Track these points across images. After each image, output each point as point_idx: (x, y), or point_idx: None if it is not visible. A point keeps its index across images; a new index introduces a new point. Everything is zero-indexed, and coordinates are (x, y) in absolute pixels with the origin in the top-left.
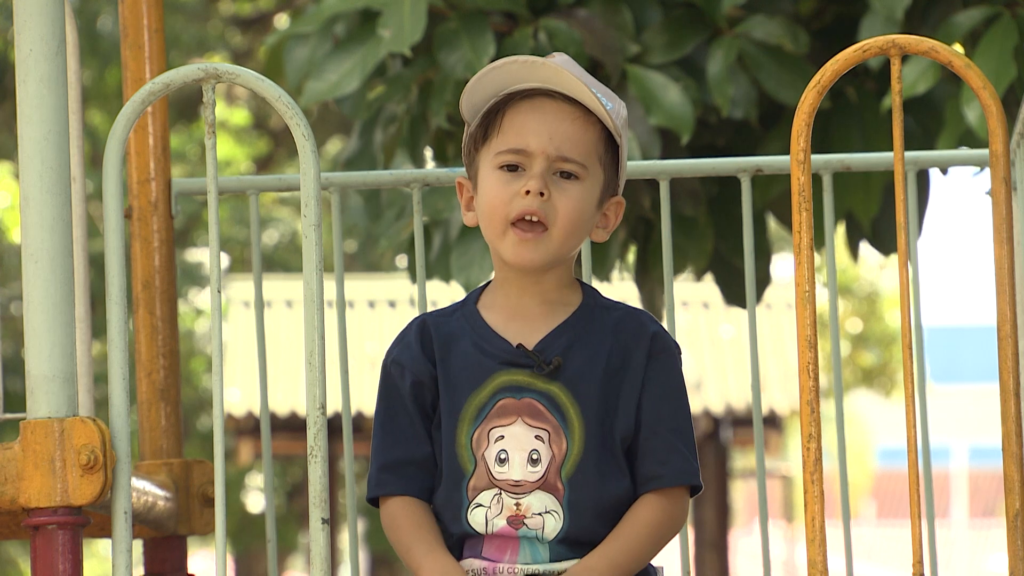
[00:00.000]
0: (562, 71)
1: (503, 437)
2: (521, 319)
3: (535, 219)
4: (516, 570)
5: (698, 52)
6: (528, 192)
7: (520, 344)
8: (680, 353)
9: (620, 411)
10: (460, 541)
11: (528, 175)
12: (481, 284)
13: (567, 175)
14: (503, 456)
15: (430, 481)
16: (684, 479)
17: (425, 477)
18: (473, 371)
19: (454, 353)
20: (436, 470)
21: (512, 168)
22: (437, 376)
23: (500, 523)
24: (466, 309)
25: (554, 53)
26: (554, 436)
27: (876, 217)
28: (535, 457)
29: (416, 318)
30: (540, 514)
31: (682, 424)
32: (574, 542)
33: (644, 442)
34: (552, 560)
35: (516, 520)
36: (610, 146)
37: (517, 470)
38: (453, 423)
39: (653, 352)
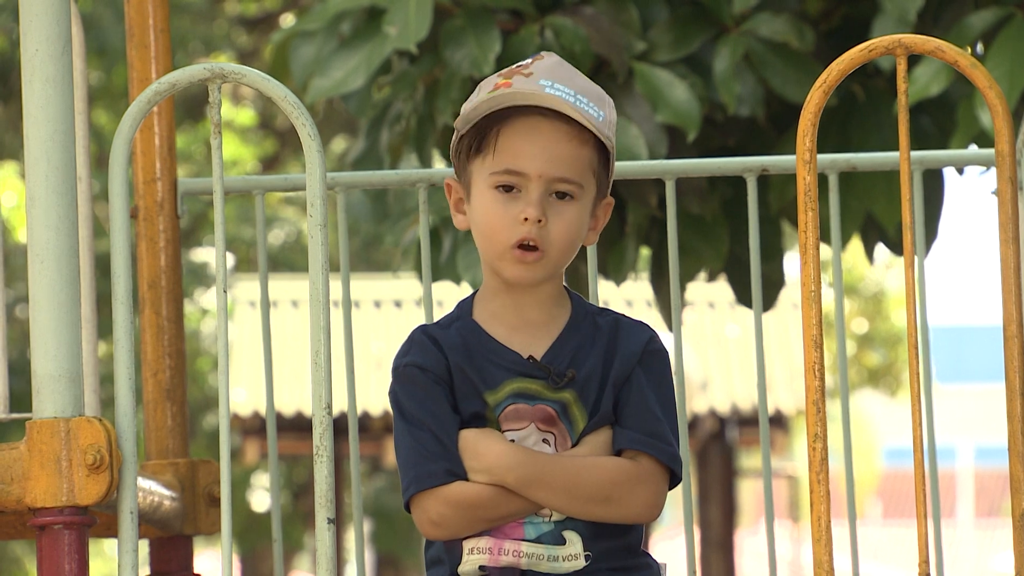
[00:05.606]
0: (556, 100)
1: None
2: (524, 329)
3: (533, 244)
4: (521, 549)
5: (704, 49)
6: (527, 219)
7: (531, 356)
8: (668, 358)
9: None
10: None
11: (525, 199)
12: (469, 294)
13: (563, 195)
14: None
15: None
16: (665, 458)
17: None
18: (485, 377)
19: (464, 362)
20: None
21: (508, 188)
22: (451, 380)
23: None
24: (464, 321)
25: (543, 53)
26: (560, 439)
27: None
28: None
29: (416, 328)
30: None
31: (667, 411)
32: (576, 518)
33: (627, 409)
34: (557, 531)
35: None
36: (602, 153)
37: None
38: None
39: (646, 352)
